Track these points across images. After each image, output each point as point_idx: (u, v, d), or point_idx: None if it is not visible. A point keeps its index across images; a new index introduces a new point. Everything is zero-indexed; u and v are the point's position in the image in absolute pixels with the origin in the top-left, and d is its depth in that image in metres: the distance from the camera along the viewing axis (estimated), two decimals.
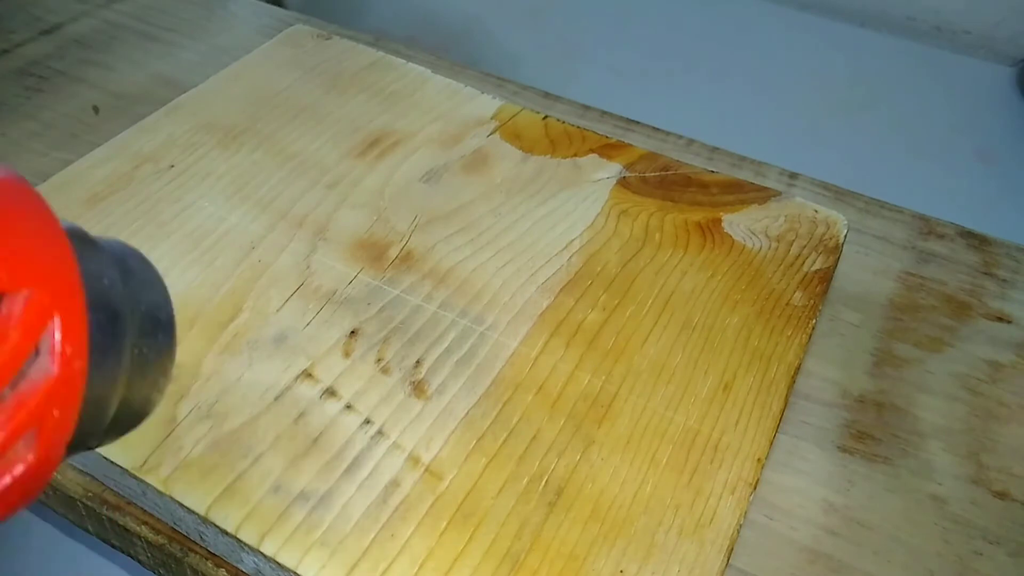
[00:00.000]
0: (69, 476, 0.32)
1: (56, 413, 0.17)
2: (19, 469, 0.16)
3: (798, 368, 0.34)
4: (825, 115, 1.23)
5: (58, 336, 0.17)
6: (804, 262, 0.39)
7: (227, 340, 0.33)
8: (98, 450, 0.29)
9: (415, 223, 0.39)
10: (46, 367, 0.16)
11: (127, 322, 0.20)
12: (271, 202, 0.39)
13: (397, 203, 0.40)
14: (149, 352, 0.22)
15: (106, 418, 0.20)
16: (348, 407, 0.31)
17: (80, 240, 0.19)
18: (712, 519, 0.29)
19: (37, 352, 0.16)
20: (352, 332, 0.34)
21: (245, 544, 0.27)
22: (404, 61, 0.49)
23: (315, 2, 1.29)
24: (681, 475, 0.30)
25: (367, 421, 0.31)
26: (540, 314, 0.35)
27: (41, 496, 0.34)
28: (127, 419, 0.22)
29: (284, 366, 0.32)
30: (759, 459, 0.31)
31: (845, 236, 0.40)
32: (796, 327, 0.36)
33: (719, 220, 0.40)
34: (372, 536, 0.27)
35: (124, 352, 0.20)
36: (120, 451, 0.29)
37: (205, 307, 0.34)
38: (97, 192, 0.39)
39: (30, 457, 0.16)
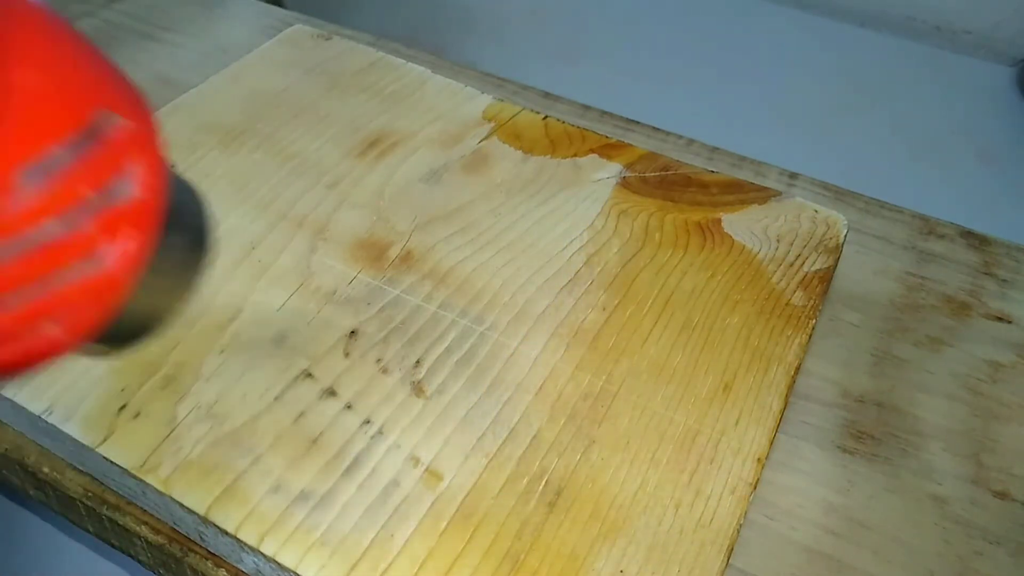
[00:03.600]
0: (69, 476, 0.32)
1: (137, 235, 0.18)
2: (101, 271, 0.17)
3: (798, 368, 0.34)
4: (825, 115, 1.24)
5: (144, 168, 0.18)
6: (804, 262, 0.39)
7: (227, 340, 0.33)
8: (98, 450, 0.29)
9: (415, 223, 0.39)
10: (132, 191, 0.18)
11: (177, 219, 0.21)
12: (271, 202, 0.39)
13: (397, 203, 0.40)
14: (188, 257, 0.22)
15: (134, 308, 0.21)
16: (348, 407, 0.31)
17: None
18: (712, 519, 0.29)
19: (121, 183, 0.18)
20: (352, 332, 0.34)
21: (245, 544, 0.27)
22: (404, 61, 0.49)
23: (315, 2, 1.29)
24: (681, 475, 0.30)
25: (367, 421, 0.31)
26: (540, 314, 0.35)
27: (41, 496, 0.34)
28: (147, 319, 0.22)
29: (284, 366, 0.32)
30: (759, 459, 0.31)
31: (845, 236, 0.40)
32: (796, 327, 0.36)
33: (719, 220, 0.40)
34: (372, 536, 0.27)
35: (170, 247, 0.21)
36: (120, 451, 0.29)
37: (205, 307, 0.34)
38: None
39: (114, 264, 0.18)
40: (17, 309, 0.16)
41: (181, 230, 0.22)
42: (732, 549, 0.29)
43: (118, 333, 0.21)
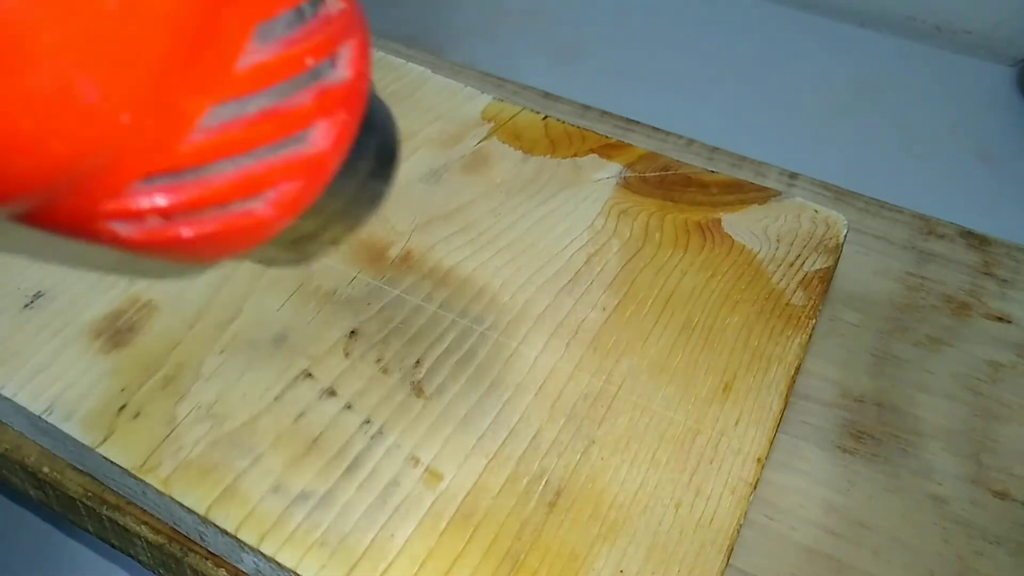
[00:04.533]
0: (69, 476, 0.32)
1: (346, 117, 0.18)
2: (313, 148, 0.18)
3: (798, 368, 0.34)
4: (825, 115, 1.23)
5: (355, 51, 0.18)
6: (804, 262, 0.39)
7: (227, 340, 0.33)
8: (98, 450, 0.29)
9: (415, 223, 0.39)
10: (345, 72, 0.18)
11: (371, 120, 0.20)
12: None
13: (397, 203, 0.40)
14: (376, 180, 0.22)
15: (328, 206, 0.20)
16: (348, 407, 0.31)
17: None
18: (712, 519, 0.29)
19: (334, 62, 0.18)
20: (352, 332, 0.34)
21: (245, 544, 0.27)
22: (404, 61, 0.49)
23: None
24: (681, 475, 0.30)
25: (367, 421, 0.31)
26: (540, 314, 0.35)
27: (41, 496, 0.34)
28: (336, 223, 0.22)
29: (284, 366, 0.32)
30: (759, 459, 0.31)
31: (845, 236, 0.40)
32: (796, 327, 0.36)
33: (719, 220, 0.40)
34: (372, 536, 0.27)
35: (365, 148, 0.20)
36: (120, 451, 0.29)
37: (205, 307, 0.34)
38: None
39: (324, 143, 0.18)
40: (231, 176, 0.16)
41: (374, 132, 0.21)
42: (732, 549, 0.29)
43: (306, 234, 0.21)
